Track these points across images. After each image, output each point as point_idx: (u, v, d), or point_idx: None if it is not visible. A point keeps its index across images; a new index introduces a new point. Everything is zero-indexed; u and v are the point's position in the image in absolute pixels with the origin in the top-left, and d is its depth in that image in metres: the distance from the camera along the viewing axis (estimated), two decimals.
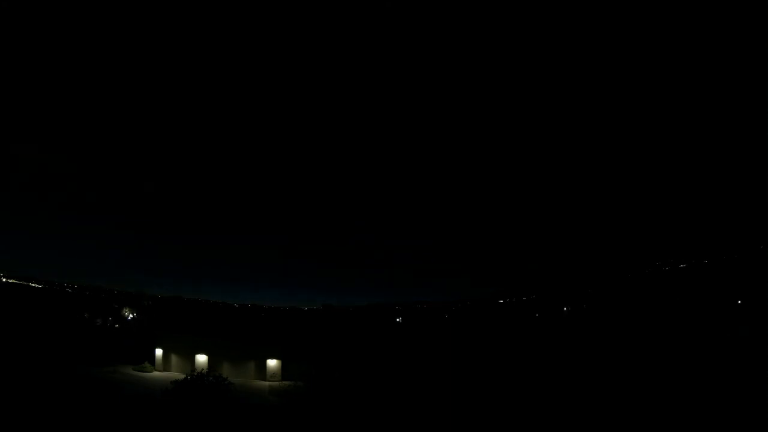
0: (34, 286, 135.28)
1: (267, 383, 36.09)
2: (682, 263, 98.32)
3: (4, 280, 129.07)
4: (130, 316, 69.34)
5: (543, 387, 26.54)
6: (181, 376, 27.25)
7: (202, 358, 37.97)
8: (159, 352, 40.06)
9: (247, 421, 24.11)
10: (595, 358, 33.37)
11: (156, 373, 38.07)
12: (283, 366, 37.95)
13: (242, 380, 34.80)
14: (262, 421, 24.55)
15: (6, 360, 32.76)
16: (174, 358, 39.67)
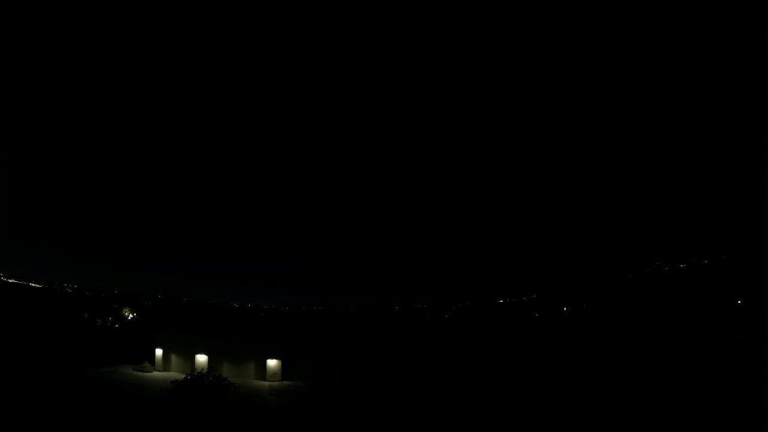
0: (34, 286, 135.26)
1: (267, 383, 36.06)
2: (682, 263, 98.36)
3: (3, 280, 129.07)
4: (130, 316, 69.44)
5: (543, 387, 26.54)
6: (181, 376, 27.22)
7: (202, 358, 37.95)
8: (159, 352, 40.05)
9: (247, 421, 24.11)
10: (595, 358, 33.38)
11: (156, 373, 38.04)
12: (283, 366, 37.92)
13: (242, 380, 34.78)
14: (262, 421, 24.54)
15: (6, 360, 32.77)
16: (174, 358, 39.66)
